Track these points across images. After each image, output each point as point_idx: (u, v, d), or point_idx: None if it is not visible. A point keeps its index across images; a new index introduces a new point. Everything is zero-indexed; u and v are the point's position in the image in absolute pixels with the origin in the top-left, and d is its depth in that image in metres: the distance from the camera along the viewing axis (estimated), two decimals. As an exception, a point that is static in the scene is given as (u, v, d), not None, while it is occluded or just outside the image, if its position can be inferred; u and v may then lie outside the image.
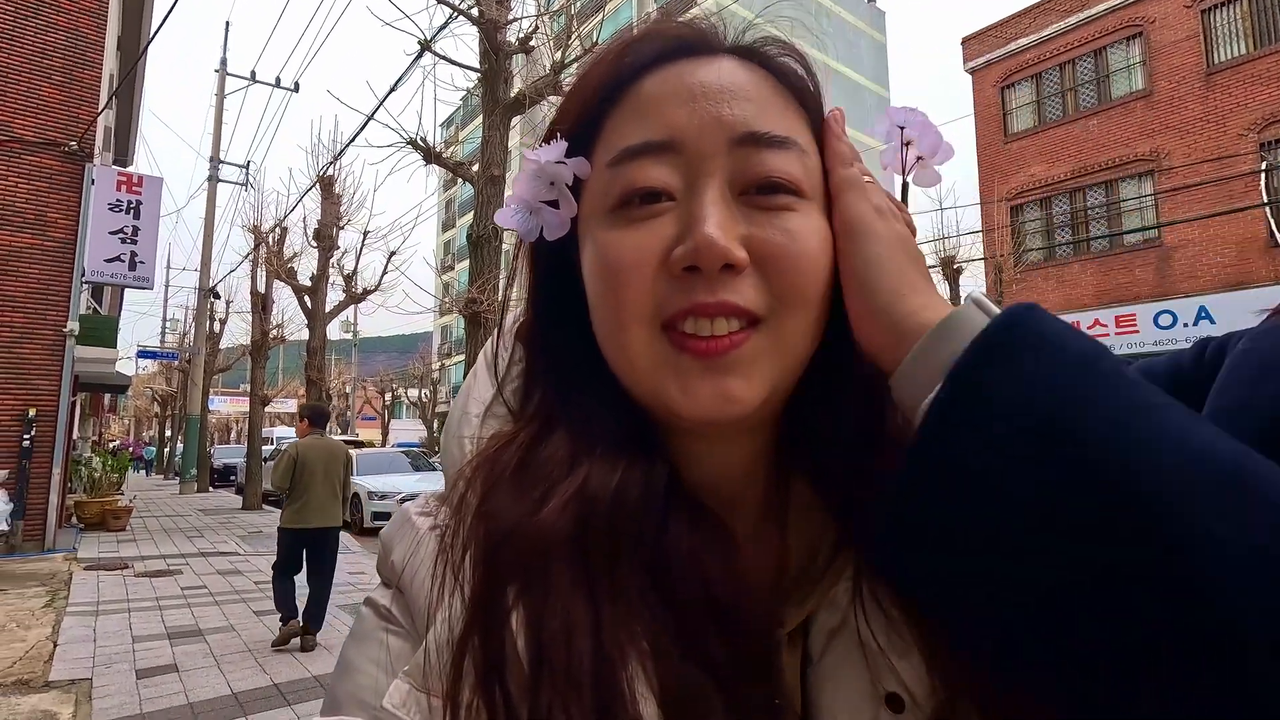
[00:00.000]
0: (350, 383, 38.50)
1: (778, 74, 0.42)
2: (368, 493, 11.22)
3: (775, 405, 0.40)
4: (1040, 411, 0.29)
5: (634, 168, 0.38)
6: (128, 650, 4.64)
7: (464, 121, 34.60)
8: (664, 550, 0.37)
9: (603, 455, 0.38)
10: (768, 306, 0.37)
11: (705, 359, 0.36)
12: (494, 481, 0.38)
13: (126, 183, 9.93)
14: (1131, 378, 0.30)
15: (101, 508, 10.83)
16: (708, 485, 0.42)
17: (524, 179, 0.42)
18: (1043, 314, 0.32)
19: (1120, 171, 12.93)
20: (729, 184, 0.38)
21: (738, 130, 0.38)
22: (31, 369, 8.75)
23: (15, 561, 7.73)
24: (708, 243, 0.35)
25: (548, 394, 0.43)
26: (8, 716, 3.54)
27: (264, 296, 15.92)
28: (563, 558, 0.35)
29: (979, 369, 0.31)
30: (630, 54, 0.41)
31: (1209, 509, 0.26)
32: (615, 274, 0.38)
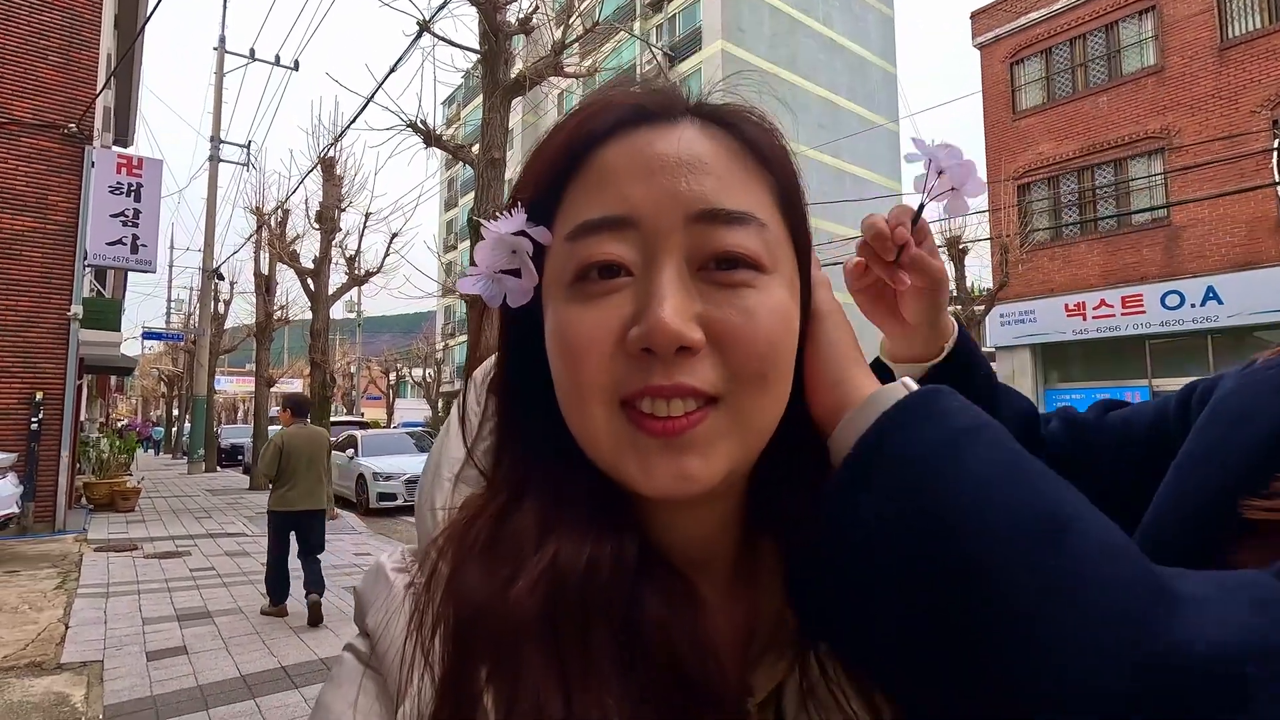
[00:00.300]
0: (355, 363, 38.64)
1: (742, 139, 0.41)
2: (373, 474, 11.32)
3: (739, 476, 0.40)
4: (910, 479, 0.34)
5: (591, 243, 0.38)
6: (138, 632, 4.72)
7: (466, 99, 34.23)
8: (634, 621, 0.37)
9: (572, 528, 0.38)
10: (725, 386, 0.37)
11: (662, 438, 0.36)
12: (464, 557, 0.38)
13: (127, 165, 9.89)
14: (999, 454, 0.35)
15: (110, 489, 10.96)
16: (677, 548, 0.42)
17: (484, 248, 0.41)
18: (946, 397, 0.38)
19: (1130, 150, 12.75)
20: (687, 260, 0.38)
21: (695, 207, 0.37)
22: (38, 353, 8.80)
23: (27, 543, 7.85)
24: (662, 326, 0.35)
25: (518, 459, 0.43)
26: (21, 699, 3.62)
27: (267, 278, 15.93)
28: (533, 637, 0.35)
29: (877, 436, 0.36)
30: (589, 123, 0.40)
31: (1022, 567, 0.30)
32: (573, 352, 0.38)
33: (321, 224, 11.41)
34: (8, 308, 8.65)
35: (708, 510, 0.41)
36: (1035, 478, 0.34)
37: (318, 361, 10.87)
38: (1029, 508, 0.32)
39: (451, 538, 0.39)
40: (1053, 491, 0.33)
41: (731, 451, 0.37)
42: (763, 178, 0.41)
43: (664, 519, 0.41)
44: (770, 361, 0.38)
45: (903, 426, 0.36)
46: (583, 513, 0.39)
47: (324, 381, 10.86)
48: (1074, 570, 0.30)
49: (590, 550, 0.37)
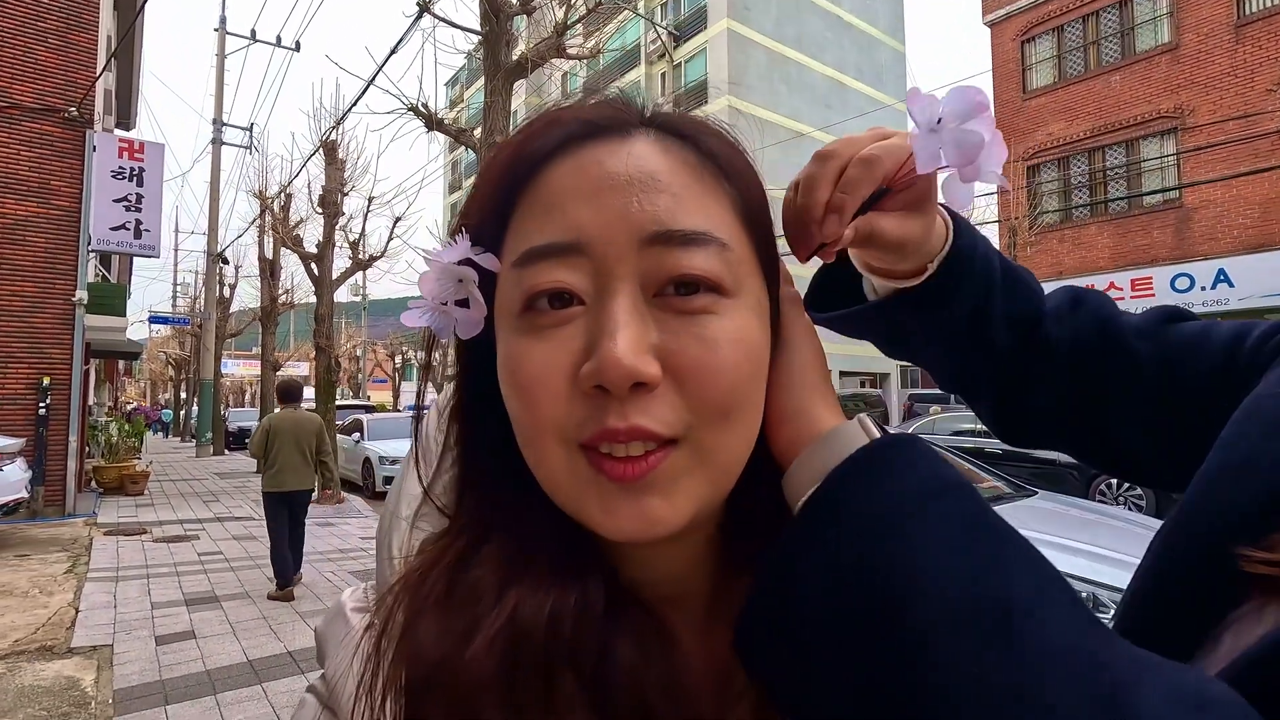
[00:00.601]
0: (360, 346, 38.75)
1: (701, 152, 0.38)
2: (379, 457, 11.37)
3: (709, 514, 0.38)
4: (857, 546, 0.31)
5: (539, 271, 0.35)
6: (147, 617, 4.77)
7: (469, 81, 33.91)
8: (603, 670, 0.35)
9: (535, 577, 0.36)
10: (685, 425, 0.34)
11: (623, 482, 0.34)
12: (418, 609, 0.36)
13: (128, 149, 9.85)
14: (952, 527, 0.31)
15: (119, 473, 11.06)
16: (649, 585, 0.40)
17: (429, 279, 0.39)
18: (905, 451, 0.34)
19: (1142, 130, 12.55)
20: (642, 286, 0.35)
21: (647, 229, 0.34)
22: (44, 338, 8.83)
23: (37, 526, 7.93)
24: (613, 363, 0.32)
25: (479, 497, 0.41)
26: (33, 683, 3.66)
27: (271, 262, 15.92)
28: (492, 699, 0.33)
29: (825, 495, 0.33)
30: (533, 142, 0.37)
31: (956, 664, 0.27)
32: (525, 391, 0.35)
33: (324, 208, 11.37)
34: (13, 293, 8.67)
35: (680, 547, 0.39)
36: (993, 552, 0.30)
37: (322, 346, 10.88)
38: (977, 590, 0.28)
39: (406, 589, 0.37)
40: (1011, 571, 0.29)
41: (698, 491, 0.35)
42: (724, 193, 0.37)
43: (635, 556, 0.39)
44: (734, 396, 0.35)
45: (853, 485, 0.33)
46: (546, 558, 0.37)
47: (329, 366, 10.88)
48: (1013, 674, 0.26)
49: (554, 600, 0.35)
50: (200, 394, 18.34)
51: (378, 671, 0.34)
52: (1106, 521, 3.88)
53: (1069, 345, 0.58)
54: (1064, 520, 3.85)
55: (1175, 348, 0.56)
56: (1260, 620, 0.37)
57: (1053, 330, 0.58)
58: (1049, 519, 3.87)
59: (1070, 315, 0.59)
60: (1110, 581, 2.84)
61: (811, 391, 0.39)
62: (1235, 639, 0.37)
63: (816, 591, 0.31)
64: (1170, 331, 0.57)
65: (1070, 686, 0.26)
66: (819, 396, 0.39)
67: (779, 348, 0.40)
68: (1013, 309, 0.57)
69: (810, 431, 0.37)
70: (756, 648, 0.34)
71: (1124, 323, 0.58)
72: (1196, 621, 0.40)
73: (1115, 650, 0.28)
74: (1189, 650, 0.40)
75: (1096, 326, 0.58)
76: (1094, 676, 0.26)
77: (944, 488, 0.32)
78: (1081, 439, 0.61)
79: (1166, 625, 0.42)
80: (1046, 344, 0.58)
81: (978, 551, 0.30)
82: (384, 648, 0.35)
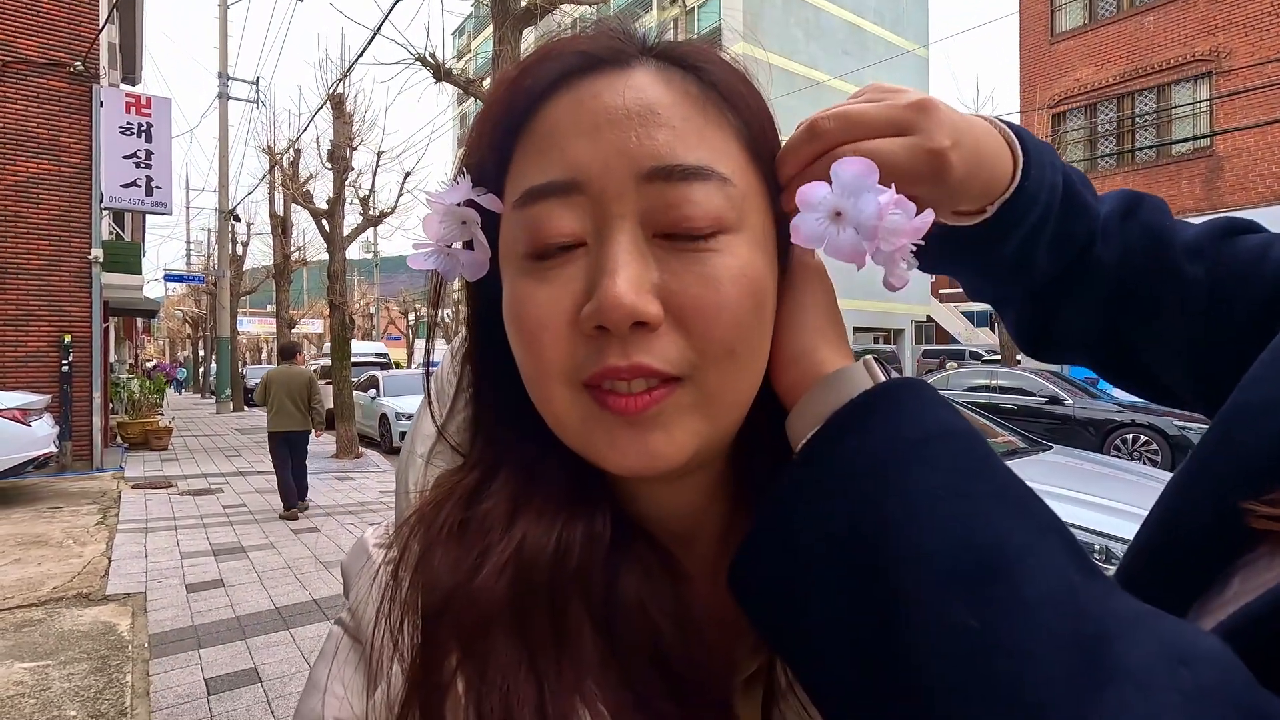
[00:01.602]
0: (374, 304, 38.90)
1: (703, 82, 0.36)
2: (395, 414, 11.53)
3: (716, 451, 0.38)
4: (851, 494, 0.30)
5: (538, 211, 0.35)
6: (177, 566, 4.94)
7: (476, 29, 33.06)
8: (612, 601, 0.36)
9: (542, 509, 0.37)
10: (688, 364, 0.34)
11: (626, 415, 0.34)
12: (431, 541, 0.37)
13: (135, 104, 9.75)
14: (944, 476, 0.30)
15: (144, 428, 11.31)
16: (659, 521, 0.40)
17: (433, 221, 0.38)
18: (908, 393, 0.33)
19: (1175, 74, 12.06)
20: (642, 224, 0.34)
21: (645, 164, 0.33)
22: (62, 296, 8.93)
23: (67, 480, 8.17)
24: (613, 302, 0.32)
25: (491, 435, 0.41)
26: (72, 627, 3.82)
27: (283, 219, 15.88)
28: (502, 626, 0.34)
29: (822, 442, 0.33)
30: (530, 77, 0.36)
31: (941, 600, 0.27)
32: (529, 334, 0.35)
33: (334, 163, 11.25)
34: (30, 252, 8.73)
35: (689, 483, 0.39)
36: (986, 500, 0.29)
37: (336, 303, 10.91)
38: (963, 538, 0.28)
39: (420, 521, 0.38)
40: (1003, 520, 0.28)
41: (698, 429, 0.35)
42: (728, 124, 0.36)
43: (644, 493, 0.40)
44: (737, 334, 0.34)
45: (851, 430, 0.32)
46: (554, 491, 0.38)
47: (343, 323, 10.93)
48: (992, 623, 0.26)
49: (561, 532, 0.36)
50: (218, 351, 18.57)
51: (395, 597, 0.35)
52: (1121, 475, 3.87)
53: (1115, 265, 0.52)
54: (1078, 474, 3.85)
55: (1229, 269, 0.50)
56: (1271, 565, 0.35)
57: (1100, 251, 0.52)
58: (1063, 473, 3.88)
59: (1120, 229, 0.53)
60: (1124, 535, 2.86)
61: (817, 332, 0.38)
62: (1244, 583, 0.36)
63: (810, 537, 0.31)
64: (1227, 249, 0.51)
65: (1053, 636, 0.25)
66: (825, 338, 0.38)
67: (786, 286, 0.39)
68: (1066, 233, 0.51)
69: (813, 373, 0.36)
70: (751, 588, 0.34)
71: (1176, 238, 0.52)
72: (1206, 566, 0.38)
73: (1107, 602, 0.27)
74: (1197, 593, 0.38)
75: (1147, 243, 0.52)
76: (1078, 627, 0.26)
77: (943, 433, 0.31)
78: (1111, 360, 0.58)
79: (1176, 570, 0.40)
80: (1091, 265, 0.53)
81: (969, 499, 0.29)
82: (401, 575, 0.36)
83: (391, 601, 0.35)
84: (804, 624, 0.30)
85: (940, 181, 0.39)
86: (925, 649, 0.26)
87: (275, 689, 3.14)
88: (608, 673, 0.34)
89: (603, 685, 0.34)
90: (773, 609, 0.32)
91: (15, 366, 8.52)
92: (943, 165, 0.38)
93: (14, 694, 3.03)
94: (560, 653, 0.34)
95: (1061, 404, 9.47)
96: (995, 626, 0.26)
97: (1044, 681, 0.24)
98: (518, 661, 0.33)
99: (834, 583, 0.29)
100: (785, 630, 0.32)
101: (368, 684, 0.36)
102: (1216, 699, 0.24)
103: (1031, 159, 0.46)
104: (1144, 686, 0.24)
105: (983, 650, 0.25)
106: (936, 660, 0.26)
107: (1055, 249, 0.51)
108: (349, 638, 0.39)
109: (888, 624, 0.27)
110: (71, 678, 3.22)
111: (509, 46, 5.87)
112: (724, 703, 0.37)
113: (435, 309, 0.45)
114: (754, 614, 0.34)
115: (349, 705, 0.36)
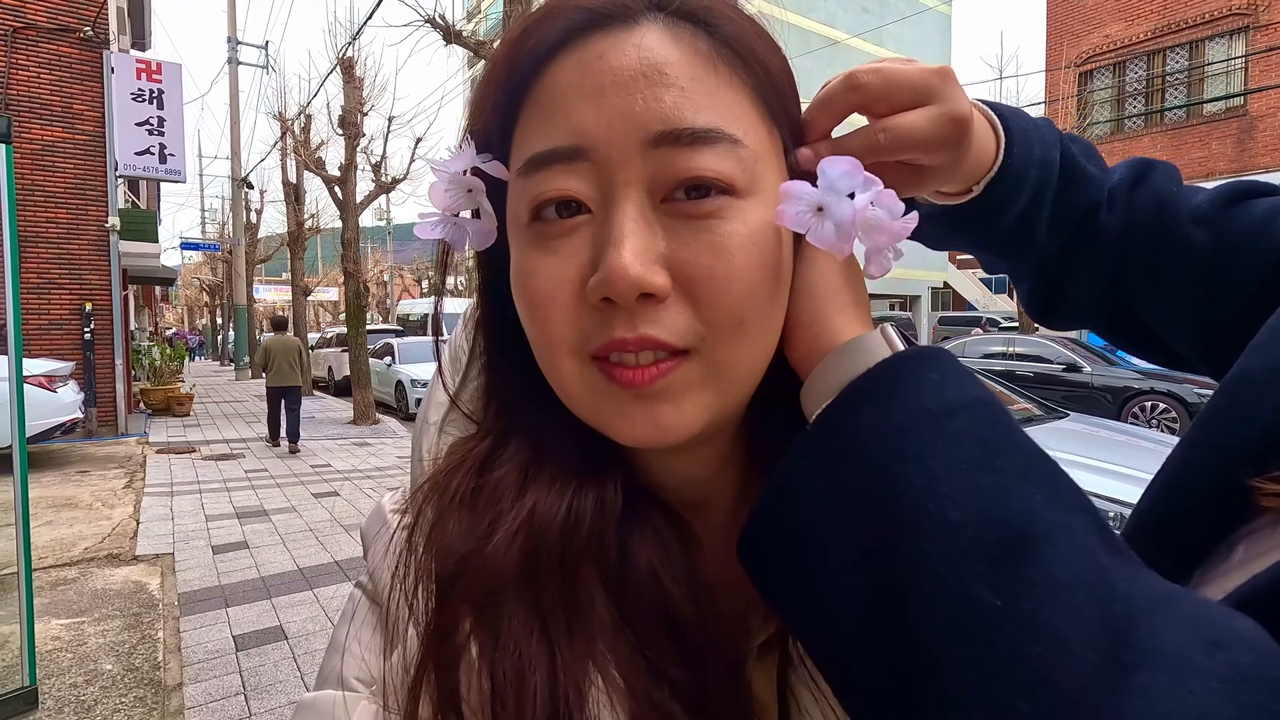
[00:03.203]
0: (387, 271, 38.99)
1: (715, 38, 0.35)
2: (410, 380, 11.64)
3: (728, 421, 0.38)
4: (866, 468, 0.29)
5: (543, 178, 0.34)
6: (202, 528, 5.07)
7: (486, -11, 32.37)
8: (624, 569, 0.36)
9: (553, 478, 0.37)
10: (696, 336, 0.33)
11: (634, 388, 0.33)
12: (445, 507, 0.37)
13: (146, 70, 9.69)
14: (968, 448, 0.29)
15: (166, 395, 11.53)
16: (671, 489, 0.40)
17: (438, 189, 0.37)
18: (929, 361, 0.32)
19: (1209, 29, 11.59)
20: (649, 191, 0.33)
21: (652, 129, 0.32)
22: (82, 264, 9.04)
23: (94, 445, 8.37)
24: (619, 274, 0.31)
25: (501, 404, 0.41)
26: (104, 586, 3.96)
27: (296, 186, 15.86)
28: (514, 592, 0.34)
29: (836, 413, 0.32)
30: (532, 37, 0.35)
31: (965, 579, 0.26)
32: (536, 308, 0.35)
33: (345, 129, 11.18)
34: (49, 220, 8.81)
35: (701, 452, 0.39)
36: (1012, 475, 0.28)
37: (350, 271, 10.94)
38: (988, 514, 0.26)
39: (435, 487, 0.38)
40: (1030, 496, 0.27)
41: (707, 402, 0.34)
42: (741, 82, 0.35)
43: (656, 462, 0.40)
44: (747, 305, 0.33)
45: (870, 401, 0.31)
46: (566, 460, 0.38)
47: (357, 290, 10.99)
48: (1019, 604, 0.25)
49: (571, 500, 0.36)
50: (235, 319, 18.76)
51: (410, 562, 0.36)
52: (1137, 443, 3.85)
53: (1118, 233, 0.53)
54: (1094, 441, 3.83)
55: (1235, 235, 0.50)
56: (1274, 534, 0.35)
57: (1105, 219, 0.53)
58: (1079, 440, 3.86)
59: (1127, 197, 0.53)
60: (1138, 502, 2.84)
61: (832, 299, 0.36)
62: (1248, 551, 0.36)
63: (822, 509, 0.30)
64: (1234, 215, 0.51)
65: (1082, 617, 0.24)
66: (840, 305, 0.36)
67: (801, 251, 0.37)
68: (1067, 205, 0.52)
69: (828, 342, 0.35)
70: (760, 559, 0.33)
71: (1183, 205, 0.52)
72: (1209, 533, 0.38)
73: (1137, 582, 0.26)
74: (1199, 561, 0.38)
75: (1153, 210, 0.52)
76: (1108, 608, 0.25)
77: (967, 404, 0.30)
78: (1118, 326, 0.58)
79: (1178, 537, 0.40)
80: (1097, 233, 0.53)
81: (994, 472, 0.28)
82: (415, 541, 0.36)
83: (406, 566, 0.36)
84: (814, 597, 0.30)
85: (960, 147, 0.41)
86: (942, 625, 0.25)
87: (300, 645, 3.24)
88: (620, 639, 0.35)
89: (615, 652, 0.34)
90: (782, 581, 0.32)
91: (39, 334, 8.66)
92: (965, 131, 0.40)
93: (52, 649, 3.15)
94: (572, 619, 0.34)
95: (1079, 371, 9.37)
96: (1021, 606, 0.25)
97: (1074, 665, 0.23)
98: (530, 627, 0.34)
99: (846, 555, 0.29)
100: (795, 602, 0.31)
101: (385, 645, 0.37)
102: (1253, 684, 0.23)
103: (1015, 139, 0.47)
104: (1177, 670, 0.23)
105: (1007, 630, 0.24)
106: (955, 638, 0.25)
107: (1056, 222, 0.52)
108: (367, 600, 0.40)
109: (901, 598, 0.26)
110: (106, 634, 3.35)
111: (519, 6, 5.75)
112: (737, 669, 0.38)
113: (442, 279, 0.44)
114: (763, 585, 0.33)
115: (367, 666, 0.37)
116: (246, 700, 2.78)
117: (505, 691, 0.32)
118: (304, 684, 2.90)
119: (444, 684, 0.33)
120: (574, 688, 0.33)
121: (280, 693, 2.84)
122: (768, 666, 0.39)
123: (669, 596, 0.36)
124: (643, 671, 0.34)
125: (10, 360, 2.63)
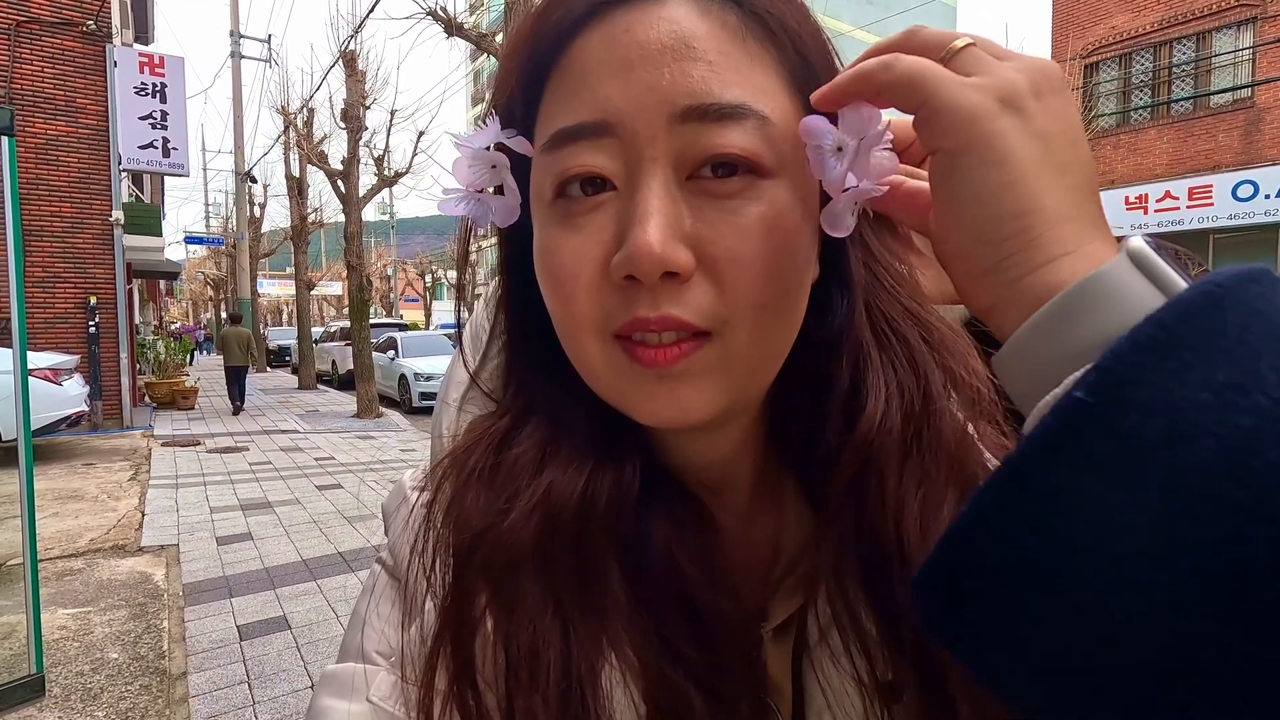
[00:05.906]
0: (391, 265, 39.01)
1: (743, 9, 0.34)
2: (414, 374, 11.65)
3: (749, 405, 0.38)
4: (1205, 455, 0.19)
5: (568, 154, 0.33)
6: (207, 520, 5.10)
7: (488, -18, 32.23)
8: (640, 550, 0.36)
9: (571, 457, 0.37)
10: (718, 317, 0.32)
11: (656, 368, 0.33)
12: (463, 484, 0.37)
13: (149, 64, 9.71)
14: None
15: (170, 388, 11.57)
16: (690, 471, 0.40)
17: (462, 165, 0.37)
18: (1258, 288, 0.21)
19: (1217, 20, 11.49)
20: (675, 168, 0.32)
21: (679, 104, 0.31)
22: (86, 258, 9.06)
23: (99, 437, 8.41)
24: (642, 251, 0.31)
25: (523, 381, 0.41)
26: (110, 577, 3.99)
27: (298, 180, 15.86)
28: (530, 568, 0.35)
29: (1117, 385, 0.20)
30: (558, 9, 0.34)
31: None
32: (559, 286, 0.34)
33: (347, 123, 11.16)
34: (53, 214, 8.83)
35: (722, 434, 0.39)
36: None
37: (354, 264, 10.95)
38: None
39: (454, 464, 0.39)
40: None
41: (728, 385, 0.34)
42: (770, 56, 0.34)
43: (675, 443, 0.40)
44: (771, 287, 0.32)
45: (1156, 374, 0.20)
46: (583, 439, 0.38)
47: (360, 285, 11.00)
48: None
49: (588, 479, 0.36)
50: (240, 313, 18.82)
51: (428, 537, 0.37)
52: None
53: None
54: None
55: None
56: None
57: None
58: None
59: None
60: None
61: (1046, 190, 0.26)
62: None
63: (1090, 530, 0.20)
64: None
65: None
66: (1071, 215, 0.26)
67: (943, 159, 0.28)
68: None
69: (1032, 290, 0.25)
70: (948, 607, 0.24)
71: None
72: None
73: None
74: None
75: None
76: None
77: None
78: None
79: None
80: None
81: None
82: (434, 516, 0.37)
83: (425, 541, 0.37)
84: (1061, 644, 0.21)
85: None
86: None
87: (304, 635, 3.27)
88: (635, 619, 0.35)
89: (630, 631, 0.35)
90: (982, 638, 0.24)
91: (44, 327, 8.70)
92: None
93: (59, 638, 3.18)
94: (587, 598, 0.34)
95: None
96: None
97: None
98: (544, 604, 0.34)
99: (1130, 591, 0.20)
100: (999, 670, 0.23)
101: (404, 618, 0.38)
102: None
103: None
104: None
105: None
106: None
107: None
108: (387, 574, 0.41)
109: None
110: (112, 623, 3.37)
111: None
112: (752, 651, 0.38)
113: (464, 256, 0.44)
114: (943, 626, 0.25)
115: (386, 639, 0.38)
116: (250, 689, 2.81)
117: (519, 665, 0.33)
118: (307, 673, 2.93)
119: (459, 655, 0.34)
120: (587, 664, 0.33)
121: (283, 681, 2.86)
122: (783, 649, 0.39)
123: (685, 577, 0.36)
124: (657, 651, 0.35)
125: (15, 353, 2.64)
